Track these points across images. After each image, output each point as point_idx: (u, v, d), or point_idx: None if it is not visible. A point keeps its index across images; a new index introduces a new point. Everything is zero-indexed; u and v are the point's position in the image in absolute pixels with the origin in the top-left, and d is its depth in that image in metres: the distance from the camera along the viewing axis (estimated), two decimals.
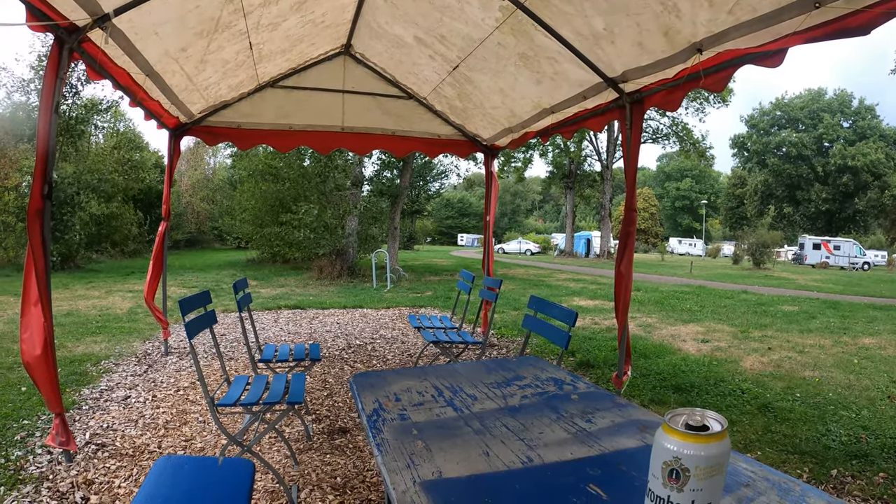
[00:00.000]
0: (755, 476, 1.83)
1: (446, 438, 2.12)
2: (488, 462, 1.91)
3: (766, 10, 3.55)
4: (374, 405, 2.47)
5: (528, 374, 3.06)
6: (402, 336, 9.77)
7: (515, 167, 44.09)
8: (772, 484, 1.76)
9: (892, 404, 6.86)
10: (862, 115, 67.30)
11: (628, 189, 5.44)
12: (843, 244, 57.99)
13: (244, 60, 6.37)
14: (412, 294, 16.36)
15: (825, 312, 15.60)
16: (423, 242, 72.53)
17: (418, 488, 1.70)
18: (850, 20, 3.14)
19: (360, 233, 21.54)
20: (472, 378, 2.94)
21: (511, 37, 5.53)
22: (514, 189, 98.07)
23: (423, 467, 1.85)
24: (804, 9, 3.32)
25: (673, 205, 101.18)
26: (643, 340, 10.18)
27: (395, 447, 2.02)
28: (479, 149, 8.95)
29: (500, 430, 2.20)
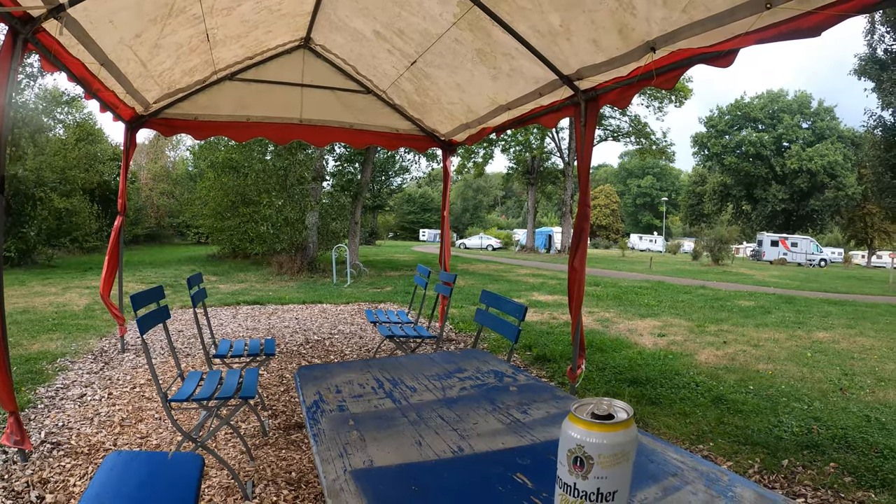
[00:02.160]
0: (684, 466, 1.86)
1: (381, 429, 2.14)
2: (420, 452, 1.93)
3: (719, 9, 3.60)
4: (315, 397, 2.48)
5: (470, 367, 3.09)
6: (361, 331, 9.74)
7: (476, 162, 44.10)
8: (700, 474, 1.80)
9: (844, 396, 7.02)
10: (821, 116, 68.26)
11: (582, 185, 5.48)
12: (800, 241, 58.99)
13: (198, 45, 6.30)
14: (372, 289, 16.33)
15: (781, 307, 15.86)
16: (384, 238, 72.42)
17: (348, 477, 1.72)
18: (802, 21, 3.19)
19: (321, 228, 21.43)
20: (414, 371, 2.96)
21: (468, 32, 5.54)
22: (476, 185, 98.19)
23: (356, 457, 1.87)
24: (756, 9, 3.37)
25: (634, 202, 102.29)
26: (600, 335, 10.27)
27: (331, 437, 2.04)
28: (437, 144, 8.94)
29: (436, 421, 2.23)
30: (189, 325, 9.51)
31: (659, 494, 1.65)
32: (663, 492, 1.66)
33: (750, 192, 69.33)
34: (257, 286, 16.18)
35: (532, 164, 47.18)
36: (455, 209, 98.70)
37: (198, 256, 27.37)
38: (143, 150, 46.18)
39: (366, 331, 9.73)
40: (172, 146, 50.83)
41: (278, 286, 16.33)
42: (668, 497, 1.64)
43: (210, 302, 12.19)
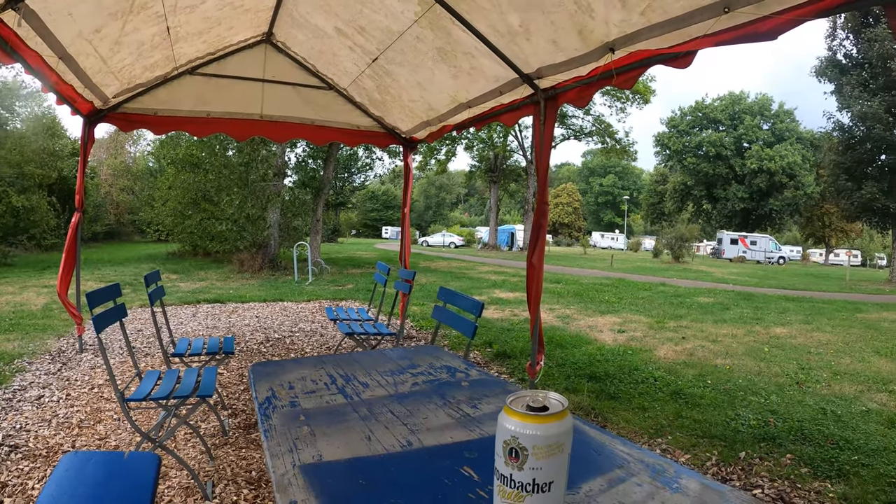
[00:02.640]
0: (630, 458, 1.90)
1: (332, 424, 2.15)
2: (369, 446, 1.95)
3: (678, 13, 3.65)
4: (268, 393, 2.49)
5: (423, 362, 3.11)
6: (322, 329, 9.71)
7: (439, 160, 44.09)
8: (646, 465, 1.83)
9: (801, 390, 7.16)
10: (781, 118, 69.26)
11: (540, 183, 5.52)
12: (759, 239, 59.88)
13: (160, 42, 6.23)
14: (334, 287, 16.26)
15: (739, 304, 16.10)
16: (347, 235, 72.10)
17: (297, 471, 1.73)
18: (759, 25, 3.23)
19: (283, 225, 21.27)
20: (368, 367, 2.97)
21: (429, 31, 5.56)
22: (439, 182, 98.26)
23: (305, 451, 1.88)
24: (714, 13, 3.43)
25: (596, 200, 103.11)
26: (561, 331, 10.36)
27: (282, 433, 2.05)
28: (398, 141, 8.95)
29: (386, 416, 2.25)
30: (148, 325, 9.38)
31: (604, 486, 1.68)
32: (609, 483, 1.69)
33: (710, 192, 70.19)
34: (218, 284, 16.03)
35: (495, 162, 47.28)
36: (418, 207, 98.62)
37: (158, 254, 27.00)
38: (103, 145, 44.98)
39: (327, 329, 9.71)
40: (133, 141, 49.34)
41: (239, 284, 16.21)
42: (614, 488, 1.66)
43: (170, 301, 12.07)
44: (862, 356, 9.52)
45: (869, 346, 10.45)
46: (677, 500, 1.61)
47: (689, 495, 1.64)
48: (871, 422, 6.03)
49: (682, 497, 1.63)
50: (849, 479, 4.55)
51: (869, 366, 8.79)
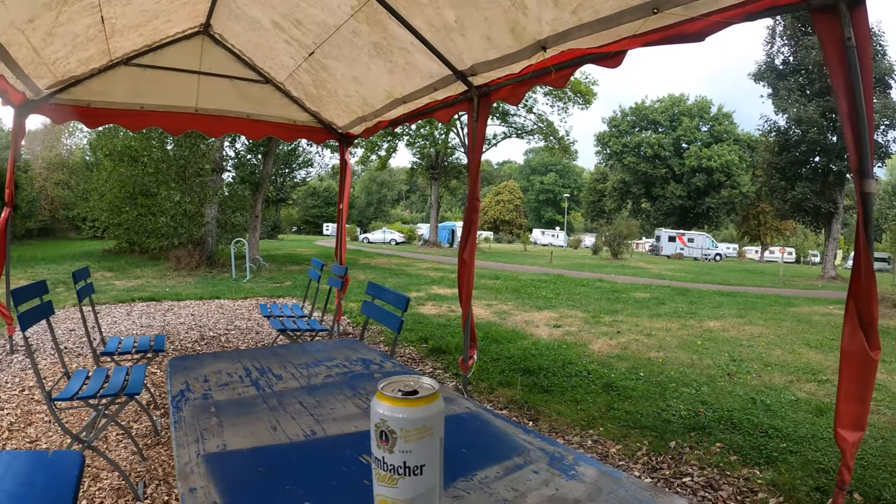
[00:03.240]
0: (531, 447, 1.95)
1: (241, 415, 2.17)
2: (273, 435, 1.97)
3: (608, 12, 3.70)
4: (182, 386, 2.49)
5: (340, 355, 3.13)
6: (258, 326, 9.63)
7: (380, 156, 43.96)
8: (545, 454, 1.88)
9: (731, 381, 7.34)
10: (720, 120, 70.79)
11: (472, 179, 5.55)
12: (696, 237, 61.07)
13: (95, 35, 6.09)
14: (271, 284, 16.14)
15: (675, 299, 16.41)
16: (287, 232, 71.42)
17: (200, 460, 1.75)
18: (686, 27, 3.30)
19: (221, 221, 20.97)
20: (285, 360, 2.98)
21: (365, 25, 5.54)
22: (380, 178, 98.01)
23: (211, 441, 1.90)
24: (643, 13, 3.49)
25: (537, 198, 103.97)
26: (497, 326, 10.43)
27: (191, 424, 2.06)
28: (335, 136, 8.88)
29: (294, 407, 2.27)
30: (81, 323, 9.19)
31: (500, 473, 1.72)
32: (505, 471, 1.74)
33: (649, 190, 71.39)
34: (154, 282, 15.72)
35: (436, 159, 47.28)
36: (359, 203, 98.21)
37: (94, 251, 26.34)
38: (38, 137, 43.76)
39: (263, 326, 9.63)
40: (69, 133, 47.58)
41: (175, 282, 15.92)
42: (510, 475, 1.71)
43: (104, 299, 11.83)
44: (792, 348, 9.79)
45: (799, 339, 10.75)
46: (572, 486, 1.66)
47: (584, 482, 1.69)
48: (800, 410, 6.22)
49: (578, 483, 1.67)
50: (777, 465, 4.68)
51: (799, 357, 9.06)
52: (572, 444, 5.05)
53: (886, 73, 33.08)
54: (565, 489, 1.64)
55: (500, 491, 1.62)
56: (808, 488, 4.26)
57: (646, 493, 1.62)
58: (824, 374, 7.88)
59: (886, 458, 4.94)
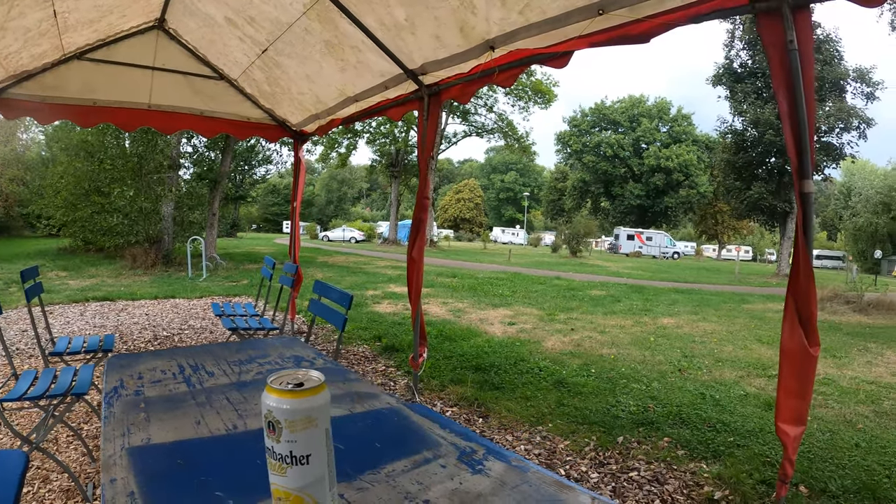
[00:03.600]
0: (444, 441, 1.98)
1: (168, 410, 2.18)
2: (196, 430, 1.99)
3: (555, 13, 3.74)
4: (116, 383, 2.48)
5: (274, 353, 3.14)
6: (212, 326, 9.57)
7: (340, 153, 43.82)
8: (457, 448, 1.92)
9: (682, 376, 7.44)
10: (679, 121, 71.74)
11: (421, 177, 5.60)
12: (655, 235, 61.79)
13: (48, 29, 6.00)
14: (228, 283, 16.04)
15: (630, 296, 16.58)
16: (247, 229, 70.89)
17: (123, 453, 1.77)
18: (631, 28, 3.34)
19: (178, 219, 20.73)
20: (220, 357, 2.99)
21: (317, 23, 5.54)
22: (341, 176, 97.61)
23: (136, 435, 1.91)
24: (589, 14, 3.54)
25: (498, 196, 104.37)
26: (451, 324, 10.46)
27: (120, 419, 2.07)
28: (288, 134, 8.81)
29: (221, 403, 2.28)
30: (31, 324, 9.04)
31: (408, 466, 1.75)
32: (413, 464, 1.77)
33: (608, 189, 72.10)
34: (109, 281, 15.51)
35: (396, 157, 47.20)
36: (319, 201, 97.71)
37: (48, 250, 25.77)
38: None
39: (217, 325, 9.56)
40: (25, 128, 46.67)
41: (131, 281, 15.72)
42: (417, 469, 1.74)
43: (58, 299, 11.68)
44: (744, 344, 9.97)
45: (752, 335, 10.94)
46: (476, 480, 1.69)
47: (489, 476, 1.72)
48: (749, 405, 6.34)
49: (482, 478, 1.70)
50: (723, 459, 4.77)
51: (750, 353, 9.22)
52: (521, 441, 5.10)
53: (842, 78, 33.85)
54: (469, 483, 1.67)
55: (405, 484, 1.64)
56: (753, 481, 4.34)
57: (550, 488, 1.65)
58: (774, 370, 7.96)
59: (833, 450, 5.06)
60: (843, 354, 9.41)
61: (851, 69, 34.30)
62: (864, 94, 34.53)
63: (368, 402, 2.39)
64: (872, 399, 6.89)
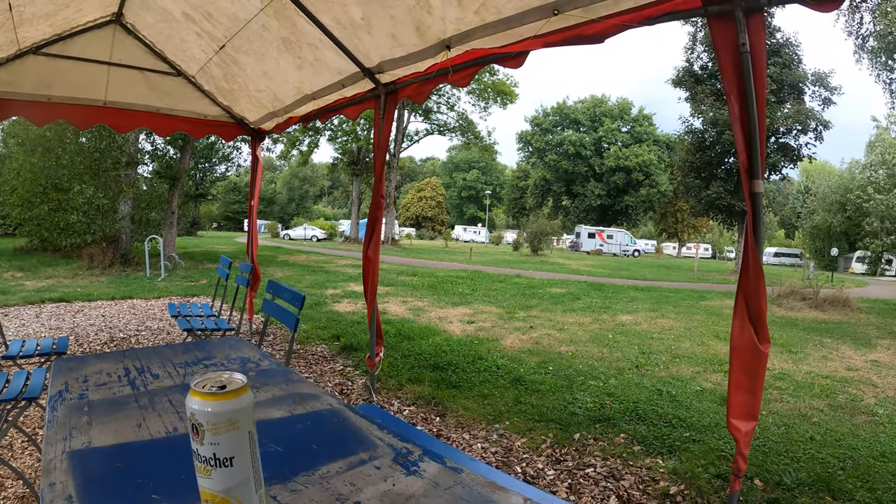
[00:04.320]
0: (381, 442, 1.99)
1: (111, 413, 2.16)
2: (137, 432, 1.98)
3: (510, 13, 3.75)
4: (61, 387, 2.46)
5: (220, 354, 3.14)
6: (169, 327, 9.45)
7: (301, 151, 43.61)
8: (393, 449, 1.93)
9: (640, 373, 7.53)
10: (640, 122, 72.55)
11: (377, 175, 5.57)
12: (615, 233, 62.40)
13: (3, 23, 5.91)
14: (187, 283, 15.84)
15: (590, 294, 16.69)
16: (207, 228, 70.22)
17: (64, 457, 1.75)
18: (586, 28, 3.36)
19: (135, 217, 20.41)
20: (166, 359, 2.97)
21: (275, 20, 5.51)
22: (302, 174, 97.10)
23: (77, 439, 1.90)
24: (544, 14, 3.55)
25: (459, 194, 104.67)
26: (410, 323, 10.46)
27: (62, 423, 2.05)
28: (246, 131, 8.75)
29: (164, 405, 2.27)
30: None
31: (342, 468, 1.76)
32: (348, 466, 1.78)
33: (570, 188, 72.64)
34: (65, 282, 15.19)
35: (358, 155, 47.05)
36: (280, 199, 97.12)
37: (4, 250, 25.12)
38: None
39: (174, 326, 9.44)
40: None
41: (88, 281, 15.43)
42: (351, 471, 1.75)
43: (13, 300, 11.41)
44: (702, 340, 10.12)
45: (709, 331, 11.11)
46: (409, 481, 1.70)
47: (423, 477, 1.73)
48: (705, 400, 6.44)
49: (416, 479, 1.72)
50: (679, 454, 4.84)
51: (707, 349, 9.36)
52: (477, 439, 5.12)
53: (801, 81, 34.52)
54: (402, 484, 1.68)
55: (338, 486, 1.65)
56: (709, 475, 4.41)
57: (483, 489, 1.66)
58: None
59: (788, 444, 5.16)
60: (799, 349, 9.60)
61: (810, 73, 35.01)
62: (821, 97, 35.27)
63: (309, 403, 2.39)
64: (827, 393, 7.04)
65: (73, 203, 18.61)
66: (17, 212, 21.01)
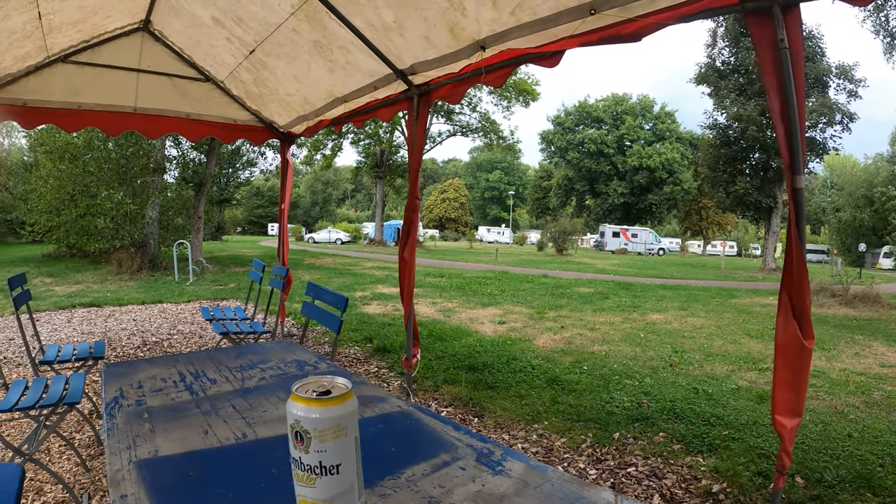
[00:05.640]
0: (460, 443, 1.97)
1: (173, 420, 2.15)
2: (205, 440, 1.97)
3: (546, 13, 3.72)
4: (116, 393, 2.45)
5: (275, 358, 3.12)
6: (201, 330, 9.49)
7: (325, 155, 43.72)
8: (474, 450, 1.91)
9: (674, 372, 7.46)
10: (662, 119, 71.99)
11: (412, 177, 5.54)
12: (640, 232, 62.07)
13: (32, 31, 5.93)
14: (215, 286, 15.91)
15: (618, 293, 16.60)
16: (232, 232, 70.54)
17: (132, 467, 1.74)
18: (622, 28, 3.32)
19: (163, 222, 20.56)
20: (220, 363, 2.97)
21: (306, 23, 5.52)
22: (325, 178, 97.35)
23: (143, 447, 1.89)
24: (580, 14, 3.51)
25: (483, 195, 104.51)
26: (442, 324, 10.44)
27: (123, 430, 2.04)
28: (276, 135, 8.76)
29: (227, 411, 2.26)
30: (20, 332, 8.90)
31: (427, 471, 1.74)
32: (432, 468, 1.76)
33: (593, 187, 72.32)
34: (95, 287, 15.30)
35: (381, 158, 47.09)
36: (304, 203, 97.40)
37: (33, 256, 25.48)
38: None
39: (206, 330, 9.48)
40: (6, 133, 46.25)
41: (117, 286, 15.54)
42: (437, 473, 1.73)
43: (44, 305, 11.52)
44: (734, 338, 10.02)
45: (740, 329, 11.01)
46: (498, 481, 1.68)
47: (511, 476, 1.71)
48: (741, 398, 6.37)
49: (504, 479, 1.70)
50: (719, 452, 4.79)
51: (740, 347, 9.27)
52: (517, 439, 5.09)
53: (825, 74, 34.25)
54: (491, 484, 1.66)
55: (427, 488, 1.63)
56: (750, 473, 4.37)
57: (572, 487, 1.64)
58: (765, 363, 8.07)
59: (826, 441, 5.10)
60: (832, 347, 9.49)
61: (834, 66, 34.67)
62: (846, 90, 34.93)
63: (377, 405, 2.37)
64: (862, 390, 6.95)
65: (102, 208, 18.73)
66: (45, 218, 21.21)
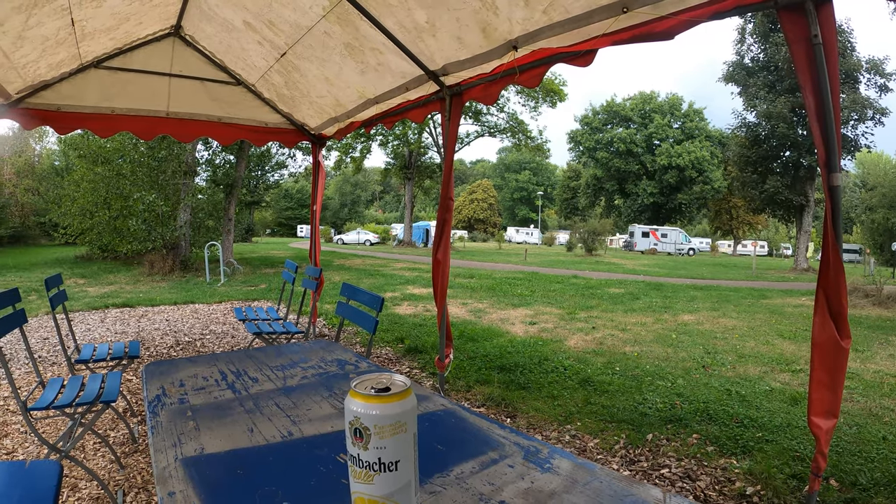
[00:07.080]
0: (506, 441, 1.97)
1: (217, 418, 2.17)
2: (251, 438, 1.98)
3: (578, 12, 3.71)
4: (158, 391, 2.48)
5: (315, 356, 3.14)
6: (233, 330, 9.57)
7: (354, 157, 43.89)
8: (520, 448, 1.91)
9: (706, 373, 7.40)
10: (690, 117, 71.37)
11: (445, 178, 5.54)
12: (670, 232, 61.63)
13: (66, 38, 6.02)
14: (246, 287, 16.03)
15: (649, 293, 16.50)
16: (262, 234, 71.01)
17: (178, 464, 1.75)
18: (655, 25, 3.30)
19: (194, 224, 20.78)
20: (260, 362, 2.99)
21: (337, 26, 5.54)
22: (354, 180, 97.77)
23: (188, 445, 1.90)
24: (613, 12, 3.49)
25: (511, 196, 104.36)
26: (472, 325, 10.45)
27: (168, 428, 2.06)
28: (307, 137, 8.81)
29: (271, 409, 2.28)
30: (54, 331, 9.02)
31: (476, 468, 1.74)
32: (481, 466, 1.75)
33: (622, 187, 71.89)
34: (127, 288, 15.51)
35: (410, 159, 47.19)
36: (333, 204, 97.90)
37: (66, 258, 25.91)
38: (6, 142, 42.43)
39: (238, 330, 9.57)
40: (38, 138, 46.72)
41: (149, 287, 15.73)
42: (485, 470, 1.73)
43: (78, 306, 11.69)
44: (766, 339, 9.92)
45: (773, 330, 10.89)
46: (547, 478, 1.68)
47: (559, 474, 1.71)
48: (775, 400, 6.31)
49: (552, 476, 1.70)
50: (753, 454, 4.75)
51: (773, 348, 9.17)
52: (550, 440, 5.08)
53: (855, 69, 33.80)
54: (541, 482, 1.66)
55: (477, 485, 1.63)
56: (784, 476, 4.32)
57: (620, 484, 1.64)
58: (798, 364, 7.99)
59: (861, 444, 5.03)
60: (866, 348, 9.38)
61: (864, 60, 34.22)
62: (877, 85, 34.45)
63: (422, 404, 2.37)
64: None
65: (134, 210, 18.95)
66: (78, 221, 21.53)
